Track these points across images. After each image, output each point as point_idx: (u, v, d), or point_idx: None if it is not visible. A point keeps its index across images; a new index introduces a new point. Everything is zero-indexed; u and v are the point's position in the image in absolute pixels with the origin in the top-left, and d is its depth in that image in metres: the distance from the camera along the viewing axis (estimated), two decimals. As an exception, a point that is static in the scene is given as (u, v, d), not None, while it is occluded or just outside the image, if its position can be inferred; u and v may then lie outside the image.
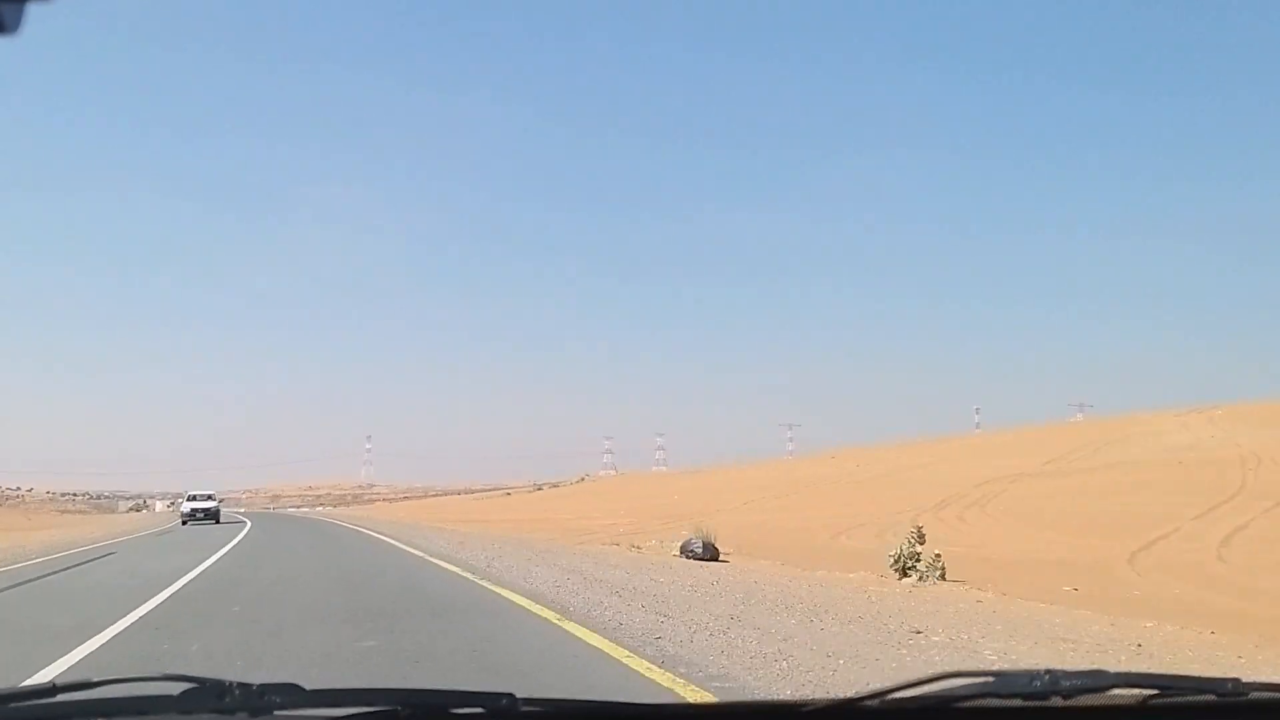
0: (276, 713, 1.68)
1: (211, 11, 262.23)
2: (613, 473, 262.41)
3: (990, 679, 1.81)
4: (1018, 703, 1.79)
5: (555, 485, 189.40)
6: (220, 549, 21.92)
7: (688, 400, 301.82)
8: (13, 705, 1.70)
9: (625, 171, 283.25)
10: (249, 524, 38.51)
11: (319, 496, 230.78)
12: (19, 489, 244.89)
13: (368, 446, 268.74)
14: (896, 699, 1.82)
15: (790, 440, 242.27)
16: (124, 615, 9.83)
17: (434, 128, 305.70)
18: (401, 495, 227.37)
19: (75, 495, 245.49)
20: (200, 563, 17.52)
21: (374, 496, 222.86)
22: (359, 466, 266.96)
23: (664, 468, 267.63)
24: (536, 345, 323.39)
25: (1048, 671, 1.79)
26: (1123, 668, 3.42)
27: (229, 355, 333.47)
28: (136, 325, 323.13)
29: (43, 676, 6.67)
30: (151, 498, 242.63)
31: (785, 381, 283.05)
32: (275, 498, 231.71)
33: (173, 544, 25.89)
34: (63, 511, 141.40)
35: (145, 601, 11.04)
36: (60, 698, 1.71)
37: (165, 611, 10.33)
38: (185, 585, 13.28)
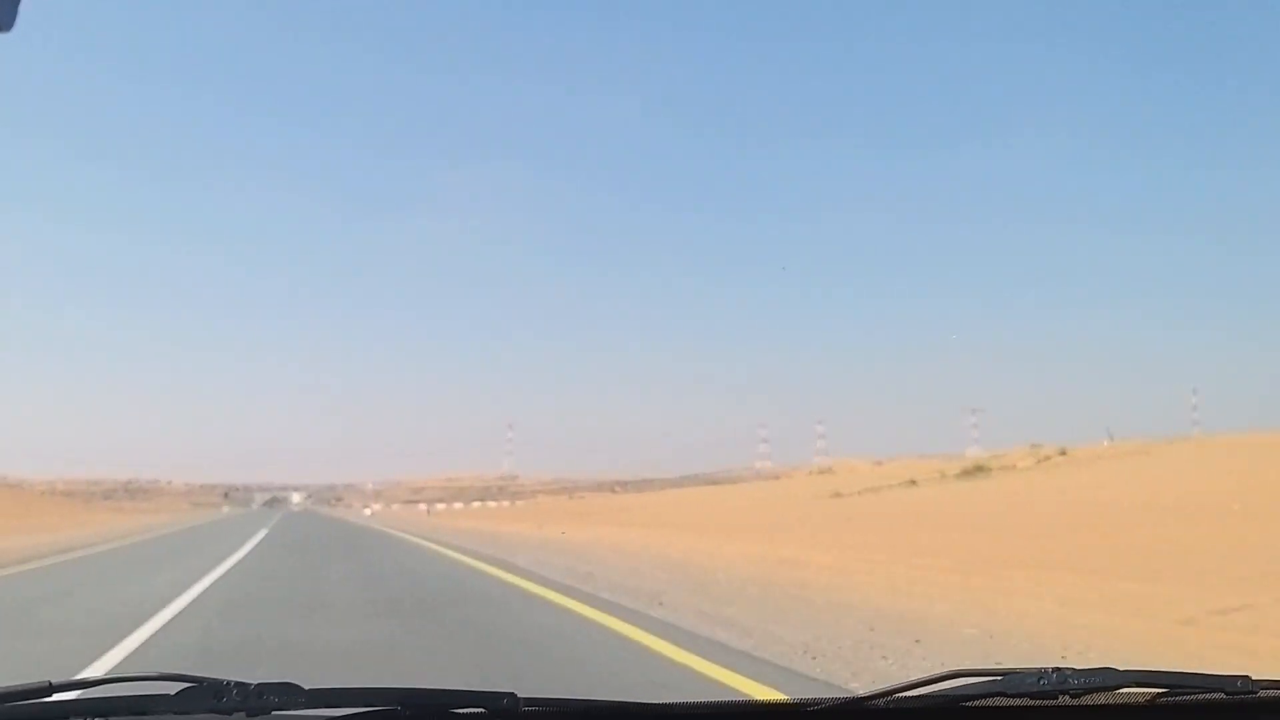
0: (275, 712, 1.65)
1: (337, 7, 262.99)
2: (768, 464, 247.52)
3: (998, 678, 1.81)
4: (1026, 701, 1.79)
5: (715, 482, 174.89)
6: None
7: (849, 384, 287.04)
8: (7, 704, 1.68)
9: (758, 157, 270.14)
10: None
11: (460, 490, 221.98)
12: (157, 481, 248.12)
13: (509, 436, 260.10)
14: (903, 698, 1.81)
15: (974, 427, 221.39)
16: None
17: (570, 114, 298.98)
18: (546, 487, 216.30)
19: (215, 486, 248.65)
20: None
21: (518, 489, 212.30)
22: (501, 457, 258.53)
23: (825, 458, 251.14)
24: (682, 329, 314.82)
25: (1055, 670, 1.78)
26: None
27: (367, 346, 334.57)
28: (273, 318, 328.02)
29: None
30: (291, 490, 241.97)
31: (962, 362, 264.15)
32: (417, 490, 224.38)
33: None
34: (143, 509, 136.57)
35: None
36: (56, 697, 1.70)
37: None
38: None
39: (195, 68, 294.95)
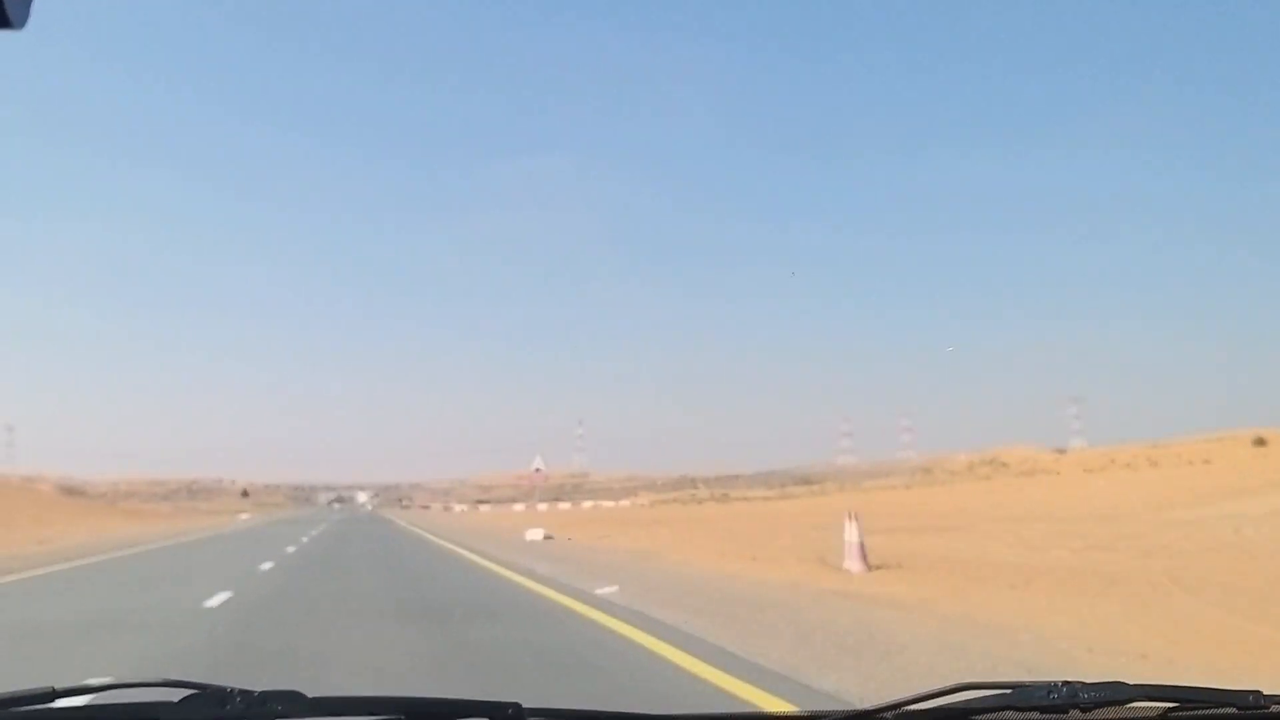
0: None
1: None
2: (851, 459, 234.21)
3: (1008, 691, 1.79)
4: (1035, 715, 1.77)
5: (808, 480, 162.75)
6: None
7: (933, 375, 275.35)
8: (11, 710, 1.68)
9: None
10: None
11: (531, 489, 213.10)
12: (220, 480, 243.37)
13: (579, 432, 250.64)
14: (911, 710, 1.79)
15: (1076, 418, 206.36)
16: None
17: (638, 116, 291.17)
18: (622, 485, 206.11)
19: (279, 486, 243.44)
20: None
21: (592, 487, 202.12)
22: (571, 453, 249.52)
23: (912, 453, 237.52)
24: (754, 324, 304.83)
25: (1065, 683, 1.76)
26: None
27: (433, 344, 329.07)
28: (338, 319, 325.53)
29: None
30: (356, 489, 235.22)
31: (1055, 348, 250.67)
32: (485, 489, 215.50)
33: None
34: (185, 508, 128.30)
35: None
36: (59, 703, 1.69)
37: None
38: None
39: (245, 77, 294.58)
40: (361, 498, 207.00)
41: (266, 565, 20.71)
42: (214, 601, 12.80)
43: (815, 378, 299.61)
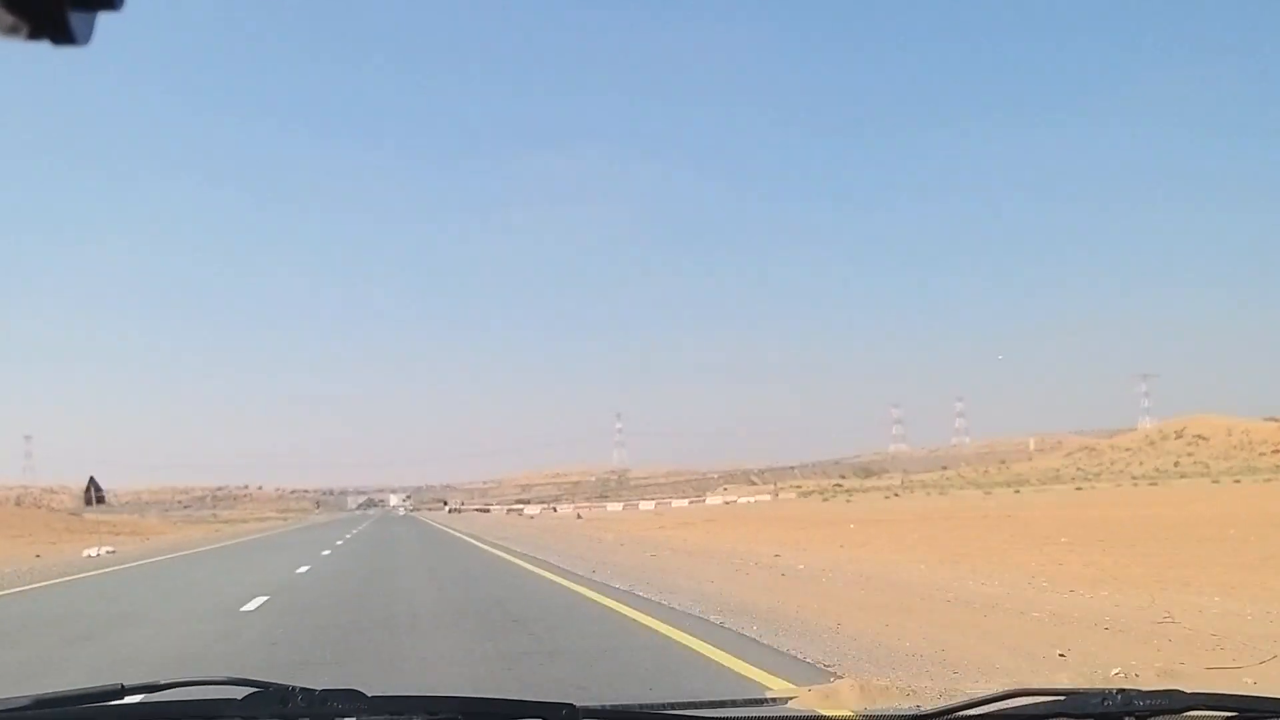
0: (338, 719, 1.68)
1: None
2: (904, 446, 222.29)
3: (1061, 698, 1.77)
4: None
5: (869, 472, 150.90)
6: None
7: (985, 358, 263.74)
8: (82, 706, 1.72)
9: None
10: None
11: (570, 487, 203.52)
12: (246, 487, 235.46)
13: (618, 426, 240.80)
14: (965, 716, 1.79)
15: (1145, 395, 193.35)
16: None
17: (680, 106, 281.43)
18: (668, 480, 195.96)
19: (307, 491, 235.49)
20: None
21: (638, 483, 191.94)
22: (610, 449, 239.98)
23: (966, 439, 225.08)
24: (796, 312, 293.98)
25: (1120, 691, 1.74)
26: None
27: (463, 342, 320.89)
28: (366, 320, 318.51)
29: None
30: (388, 492, 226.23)
31: (1117, 324, 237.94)
32: (524, 488, 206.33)
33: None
34: (185, 519, 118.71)
35: None
36: (128, 699, 1.74)
37: None
38: None
39: (267, 82, 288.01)
40: (394, 500, 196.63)
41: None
42: None
43: (860, 364, 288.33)
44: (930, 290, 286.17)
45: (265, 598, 13.40)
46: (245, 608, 12.31)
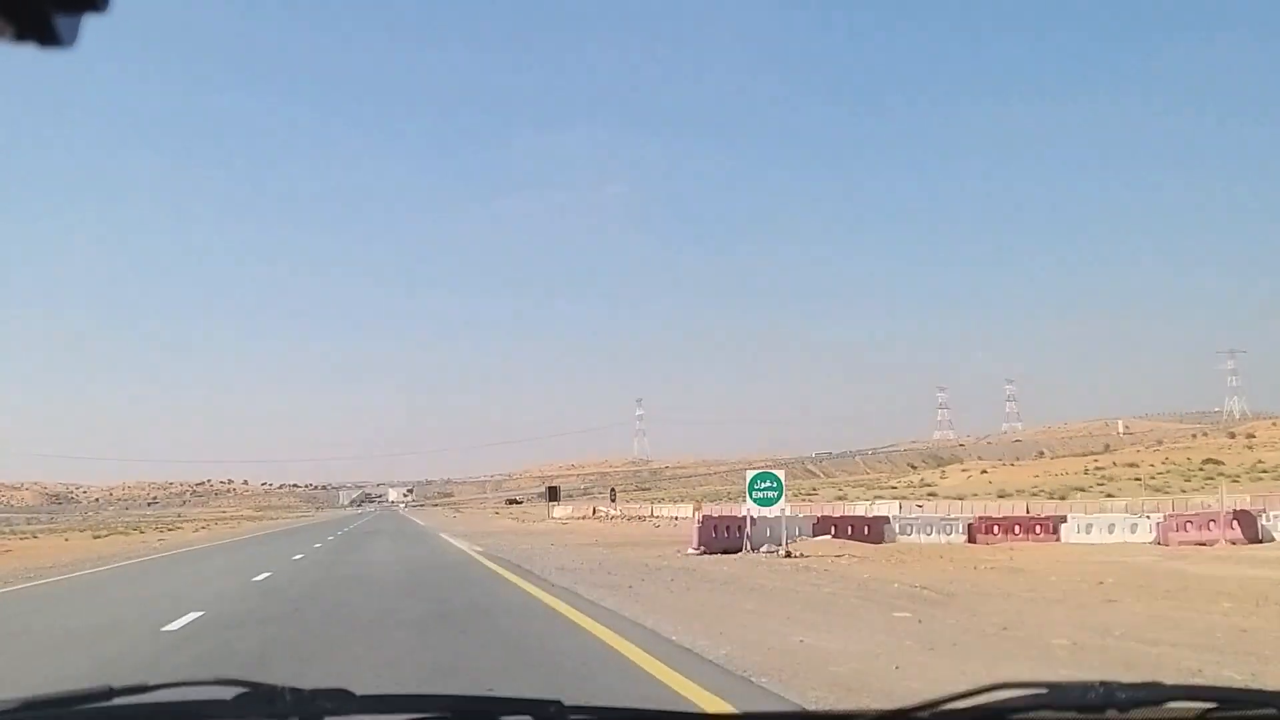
0: (327, 718, 1.68)
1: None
2: (949, 434, 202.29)
3: (1043, 690, 1.76)
4: (1072, 715, 1.74)
5: (941, 460, 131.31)
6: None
7: (1038, 341, 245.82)
8: (70, 708, 1.73)
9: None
10: None
11: (594, 478, 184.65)
12: (231, 482, 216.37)
13: (639, 414, 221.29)
14: (948, 710, 1.77)
15: (1233, 374, 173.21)
16: None
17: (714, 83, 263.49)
18: (696, 471, 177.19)
19: (297, 487, 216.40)
20: None
21: (673, 474, 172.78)
22: (631, 438, 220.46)
23: (1018, 424, 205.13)
24: (825, 286, 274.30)
25: (1102, 683, 1.73)
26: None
27: (469, 328, 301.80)
28: (368, 302, 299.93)
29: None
30: (388, 486, 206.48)
31: (1192, 302, 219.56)
32: (542, 480, 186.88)
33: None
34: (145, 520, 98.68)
35: None
36: (116, 701, 1.73)
37: None
38: None
39: (259, 64, 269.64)
40: (393, 495, 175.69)
41: None
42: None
43: (900, 347, 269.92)
44: (970, 267, 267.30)
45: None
46: None
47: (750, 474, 22.80)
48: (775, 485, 22.03)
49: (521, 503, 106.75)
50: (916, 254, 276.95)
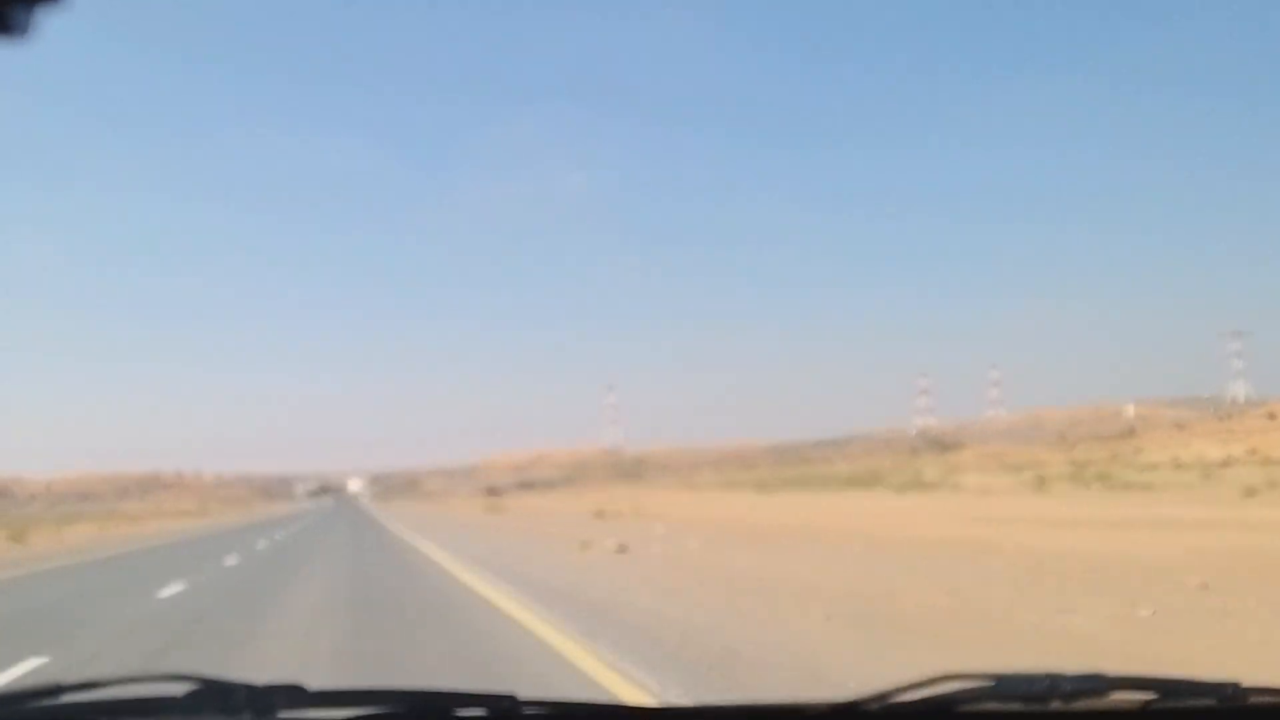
0: (280, 714, 1.65)
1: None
2: (931, 420, 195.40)
3: (990, 682, 1.79)
4: (1018, 706, 1.78)
5: (942, 447, 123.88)
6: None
7: (1024, 324, 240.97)
8: (17, 706, 1.69)
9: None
10: None
11: (569, 468, 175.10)
12: (181, 474, 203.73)
13: (611, 400, 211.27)
14: (897, 702, 1.79)
15: (1238, 356, 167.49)
16: None
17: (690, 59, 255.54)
18: (676, 461, 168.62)
19: (251, 478, 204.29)
20: None
21: (656, 462, 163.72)
22: (603, 426, 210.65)
23: (1002, 410, 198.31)
24: (802, 269, 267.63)
25: (1047, 675, 1.77)
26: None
27: (430, 312, 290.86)
28: (326, 285, 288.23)
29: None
30: (346, 476, 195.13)
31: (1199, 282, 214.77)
32: (518, 469, 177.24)
33: None
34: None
35: None
36: (64, 698, 1.70)
37: None
38: None
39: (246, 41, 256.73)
40: (353, 486, 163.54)
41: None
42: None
43: (880, 333, 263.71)
44: (956, 251, 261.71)
45: None
46: None
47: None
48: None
49: (501, 495, 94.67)
50: (897, 238, 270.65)
